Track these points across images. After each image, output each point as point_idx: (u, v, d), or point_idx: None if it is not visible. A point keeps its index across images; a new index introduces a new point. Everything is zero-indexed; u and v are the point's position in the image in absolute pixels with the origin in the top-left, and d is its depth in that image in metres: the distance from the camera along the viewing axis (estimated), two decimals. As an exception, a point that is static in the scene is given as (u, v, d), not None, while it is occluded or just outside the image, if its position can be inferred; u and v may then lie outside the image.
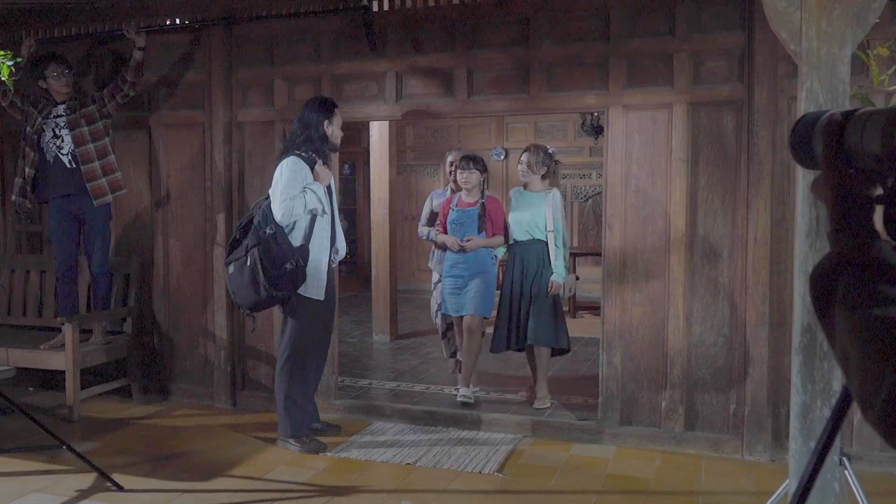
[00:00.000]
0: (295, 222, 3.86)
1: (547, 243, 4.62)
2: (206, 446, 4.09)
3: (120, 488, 3.43)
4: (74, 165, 4.53)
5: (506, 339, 4.68)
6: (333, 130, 4.02)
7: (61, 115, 4.56)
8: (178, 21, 4.79)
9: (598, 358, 4.33)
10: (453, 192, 4.98)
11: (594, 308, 8.02)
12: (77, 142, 4.51)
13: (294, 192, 3.78)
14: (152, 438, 4.23)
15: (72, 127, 4.53)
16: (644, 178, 4.03)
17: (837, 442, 2.10)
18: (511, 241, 4.70)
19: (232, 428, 4.39)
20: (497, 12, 4.23)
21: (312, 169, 3.89)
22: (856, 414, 3.52)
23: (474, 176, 4.76)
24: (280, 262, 3.75)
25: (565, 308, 5.27)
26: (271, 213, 3.80)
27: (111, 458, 3.82)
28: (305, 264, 3.84)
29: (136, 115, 4.98)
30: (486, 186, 4.88)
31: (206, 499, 3.38)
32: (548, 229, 4.58)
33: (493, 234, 4.79)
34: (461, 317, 4.76)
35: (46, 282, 5.15)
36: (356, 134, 9.78)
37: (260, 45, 4.70)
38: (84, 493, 3.41)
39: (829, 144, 0.90)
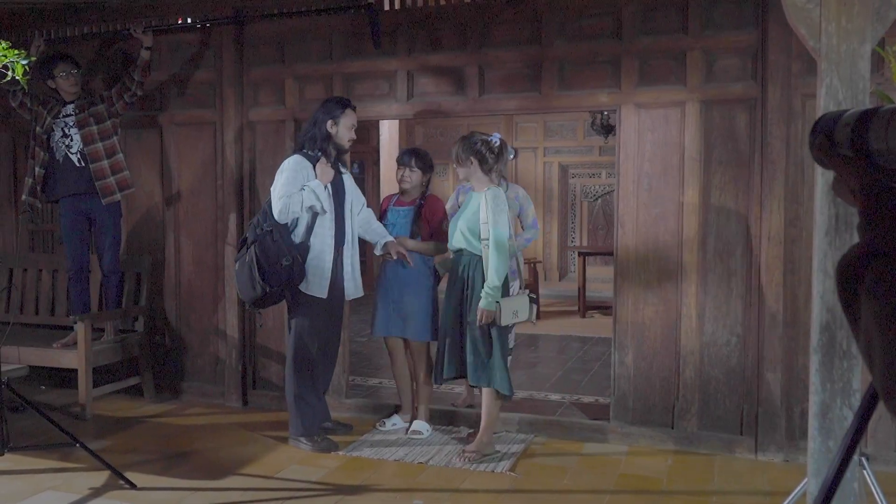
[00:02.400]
0: (297, 220, 3.87)
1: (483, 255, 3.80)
2: (217, 445, 4.09)
3: (133, 486, 3.43)
4: (83, 164, 4.54)
5: (447, 368, 3.92)
6: (339, 130, 3.96)
7: (70, 115, 4.58)
8: (189, 20, 4.79)
9: (608, 357, 4.31)
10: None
11: (604, 307, 8.00)
12: (86, 140, 4.52)
13: (292, 190, 3.79)
14: (164, 437, 4.23)
15: (81, 126, 4.54)
16: (656, 176, 4.01)
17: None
18: (454, 249, 3.94)
19: (243, 426, 4.39)
20: (509, 10, 4.21)
21: (315, 167, 3.88)
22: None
23: (415, 175, 4.19)
24: (276, 259, 3.77)
25: (576, 308, 5.05)
26: (271, 211, 3.83)
27: (124, 456, 3.82)
28: (304, 261, 3.84)
29: (147, 114, 4.99)
30: (427, 187, 4.32)
31: (218, 497, 3.38)
32: (482, 237, 3.74)
33: (432, 240, 4.20)
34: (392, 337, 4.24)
35: (58, 281, 5.17)
36: (366, 133, 9.77)
37: (271, 45, 4.69)
38: (97, 491, 3.41)
39: (853, 142, 0.89)
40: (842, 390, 2.22)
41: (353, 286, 4.08)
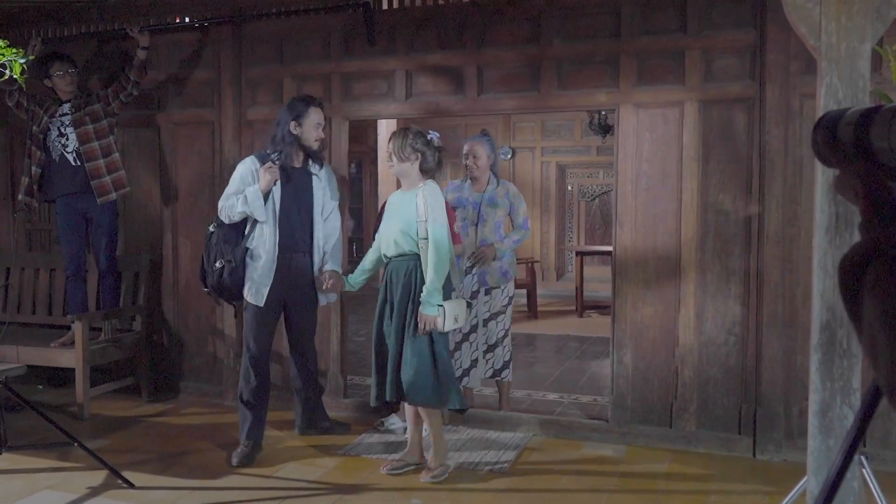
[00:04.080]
0: (254, 222, 3.78)
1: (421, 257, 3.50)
2: (215, 444, 4.08)
3: (131, 485, 3.42)
4: (79, 163, 4.53)
5: (382, 390, 3.58)
6: (304, 131, 3.80)
7: (66, 114, 4.57)
8: (187, 19, 4.78)
9: (606, 357, 4.31)
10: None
11: (601, 307, 8.00)
12: (81, 139, 4.52)
13: (231, 192, 3.77)
14: (162, 436, 4.22)
15: (77, 125, 4.54)
16: (655, 176, 4.00)
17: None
18: (383, 258, 3.65)
19: (241, 426, 4.38)
20: (507, 10, 4.21)
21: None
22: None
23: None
24: (213, 260, 3.79)
25: (573, 307, 5.00)
26: None
27: (121, 455, 3.81)
28: (237, 266, 3.77)
29: (145, 113, 4.97)
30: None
31: (215, 496, 3.37)
32: (420, 236, 3.47)
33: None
34: None
35: (56, 280, 5.15)
36: (363, 132, 9.77)
37: (270, 44, 4.68)
38: (95, 491, 3.40)
39: (855, 141, 0.89)
40: (842, 389, 2.22)
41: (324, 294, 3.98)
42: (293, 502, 3.36)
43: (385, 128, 7.83)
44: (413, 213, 3.47)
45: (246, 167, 3.81)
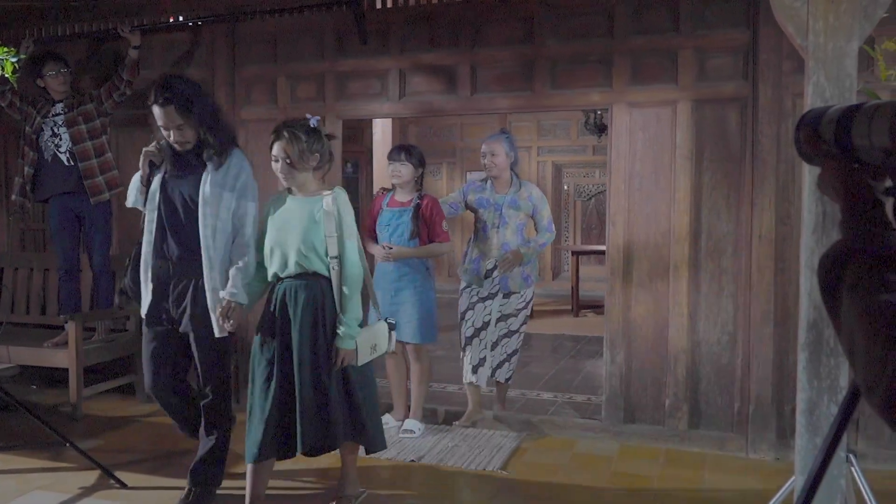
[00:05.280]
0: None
1: (332, 279, 2.92)
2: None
3: (123, 486, 3.43)
4: (72, 163, 4.54)
5: (270, 443, 2.93)
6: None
7: (59, 114, 4.57)
8: (181, 18, 4.78)
9: (601, 357, 4.31)
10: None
11: (596, 306, 8.01)
12: (74, 139, 4.52)
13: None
14: (155, 436, 4.22)
15: (69, 125, 4.54)
16: (648, 175, 4.02)
17: (844, 439, 2.09)
18: (271, 277, 3.02)
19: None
20: (501, 9, 4.22)
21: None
22: (862, 412, 3.51)
23: (406, 169, 4.07)
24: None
25: (569, 307, 4.95)
26: None
27: (114, 455, 3.82)
28: (128, 264, 3.27)
29: (138, 112, 4.96)
30: (421, 184, 4.19)
31: (209, 496, 3.37)
32: (329, 255, 2.90)
33: (431, 241, 4.06)
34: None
35: (49, 280, 5.15)
36: (359, 132, 9.77)
37: (264, 43, 4.69)
38: (87, 491, 3.41)
39: (837, 138, 0.89)
40: (829, 388, 2.23)
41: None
42: (288, 502, 3.37)
43: (381, 128, 7.84)
44: (318, 225, 2.89)
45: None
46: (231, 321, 2.99)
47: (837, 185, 0.92)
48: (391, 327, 3.20)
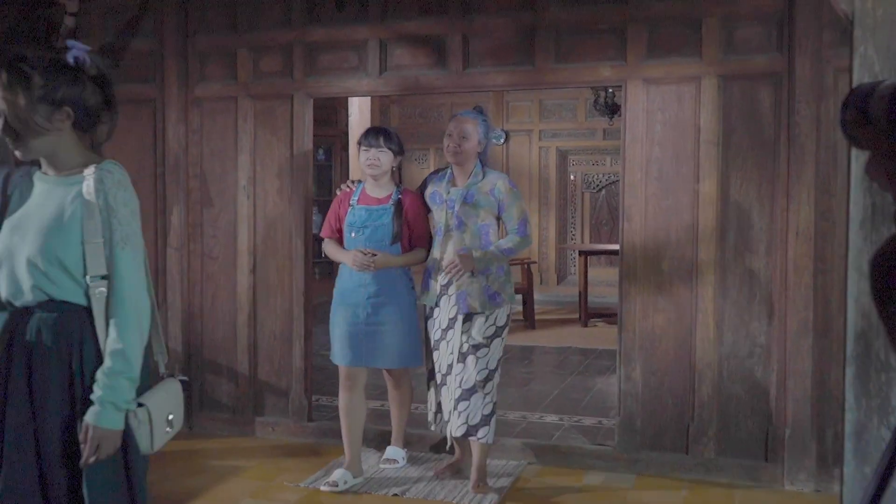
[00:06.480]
0: None
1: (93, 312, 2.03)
2: (161, 476, 4.03)
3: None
4: None
5: None
6: None
7: None
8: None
9: (613, 373, 4.32)
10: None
11: (608, 315, 8.02)
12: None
13: None
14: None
15: None
16: (668, 162, 4.02)
17: None
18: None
19: (190, 454, 4.35)
20: (497, -30, 4.22)
21: None
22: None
23: (385, 157, 3.82)
24: None
25: (576, 315, 4.79)
26: None
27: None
28: None
29: (75, 89, 4.94)
30: (400, 177, 3.99)
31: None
32: (89, 273, 2.01)
33: (413, 247, 3.88)
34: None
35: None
36: (332, 113, 9.76)
37: (221, 9, 4.66)
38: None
39: (889, 117, 0.89)
40: (879, 407, 2.23)
41: None
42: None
43: (357, 107, 7.82)
44: (69, 225, 2.01)
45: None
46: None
47: (891, 171, 0.91)
48: (185, 386, 2.44)
